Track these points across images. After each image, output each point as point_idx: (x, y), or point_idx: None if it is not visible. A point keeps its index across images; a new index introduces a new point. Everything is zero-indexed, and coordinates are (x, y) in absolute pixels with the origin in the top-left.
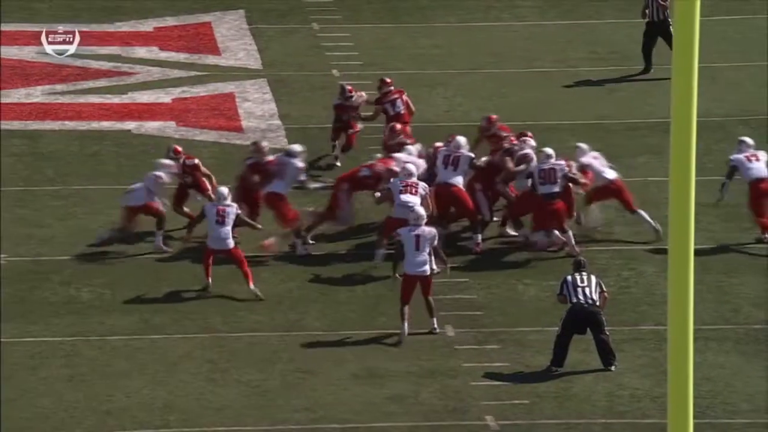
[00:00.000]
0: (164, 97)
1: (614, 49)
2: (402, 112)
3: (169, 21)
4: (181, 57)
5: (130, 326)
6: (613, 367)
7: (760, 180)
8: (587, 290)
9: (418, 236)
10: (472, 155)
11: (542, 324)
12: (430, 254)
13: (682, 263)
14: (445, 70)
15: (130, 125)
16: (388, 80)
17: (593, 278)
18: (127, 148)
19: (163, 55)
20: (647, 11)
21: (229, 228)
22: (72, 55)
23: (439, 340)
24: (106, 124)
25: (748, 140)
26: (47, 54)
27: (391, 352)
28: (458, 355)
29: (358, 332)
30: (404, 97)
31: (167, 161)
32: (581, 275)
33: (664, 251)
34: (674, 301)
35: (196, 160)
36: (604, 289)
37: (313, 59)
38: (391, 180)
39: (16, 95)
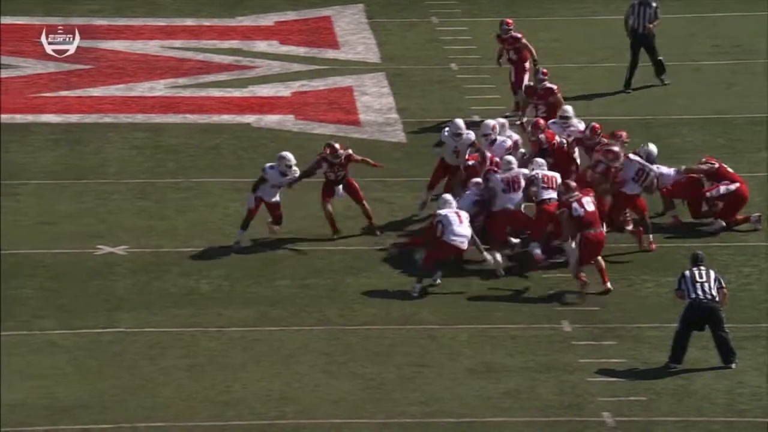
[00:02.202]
0: (284, 90)
1: (737, 43)
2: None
3: (290, 15)
4: (301, 51)
5: (248, 318)
6: (733, 365)
7: None
8: (706, 285)
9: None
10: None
11: (660, 320)
12: None
13: None
14: (565, 63)
15: (250, 119)
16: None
17: (712, 273)
18: (246, 142)
19: (283, 49)
20: (630, 20)
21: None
22: (194, 49)
23: (555, 335)
24: (226, 118)
25: None
26: (172, 48)
27: (507, 347)
28: (575, 351)
29: (474, 326)
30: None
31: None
32: (699, 270)
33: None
34: None
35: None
36: (723, 285)
37: (431, 53)
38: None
39: (140, 89)
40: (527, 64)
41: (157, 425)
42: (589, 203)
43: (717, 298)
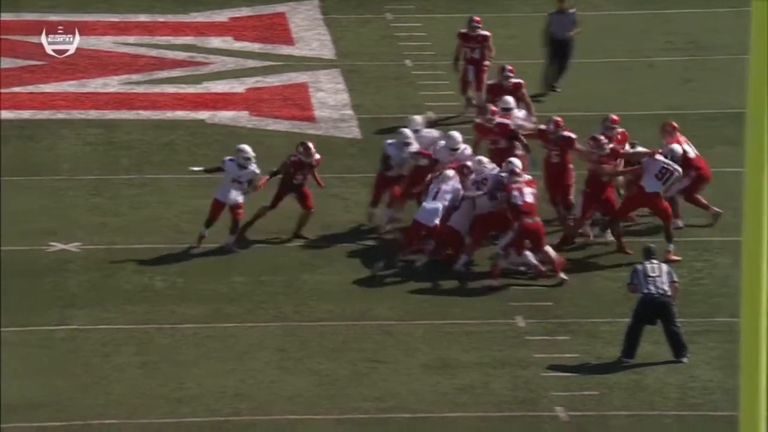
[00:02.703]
0: (238, 86)
1: (691, 39)
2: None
3: (244, 11)
4: (256, 47)
5: (202, 315)
6: (684, 359)
7: None
8: (658, 280)
9: None
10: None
11: (613, 315)
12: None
13: (755, 254)
14: (521, 60)
15: (204, 115)
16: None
17: (664, 267)
18: (201, 138)
19: (238, 45)
20: (551, 28)
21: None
22: (148, 45)
23: (510, 330)
24: (180, 114)
25: None
26: (125, 44)
27: (462, 343)
28: (529, 346)
29: (430, 322)
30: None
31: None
32: (652, 264)
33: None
34: (747, 292)
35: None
36: (675, 279)
37: (386, 49)
38: None
39: (93, 85)
40: (487, 63)
41: (110, 422)
42: (529, 194)
43: (669, 293)
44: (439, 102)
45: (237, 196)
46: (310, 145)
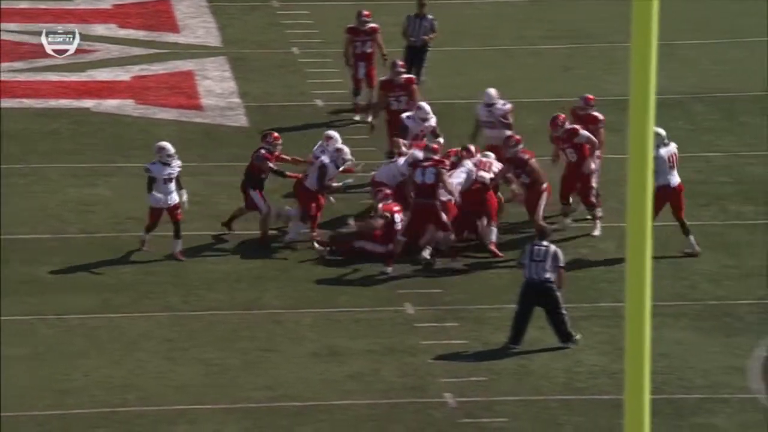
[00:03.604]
0: (123, 74)
1: (572, 27)
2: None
3: None
4: (140, 35)
5: (89, 305)
6: (570, 345)
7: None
8: (541, 266)
9: None
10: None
11: (501, 301)
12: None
13: (639, 240)
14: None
15: (89, 103)
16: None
17: (551, 250)
18: (86, 126)
19: (122, 33)
20: (407, 34)
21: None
22: (30, 33)
23: (398, 317)
24: (64, 102)
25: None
26: (7, 31)
27: (351, 330)
28: (418, 333)
29: (318, 310)
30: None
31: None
32: (540, 247)
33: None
34: (632, 277)
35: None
36: (562, 264)
37: (272, 37)
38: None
39: None
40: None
41: None
42: (430, 175)
43: (551, 279)
44: (327, 90)
45: (173, 197)
46: (276, 134)
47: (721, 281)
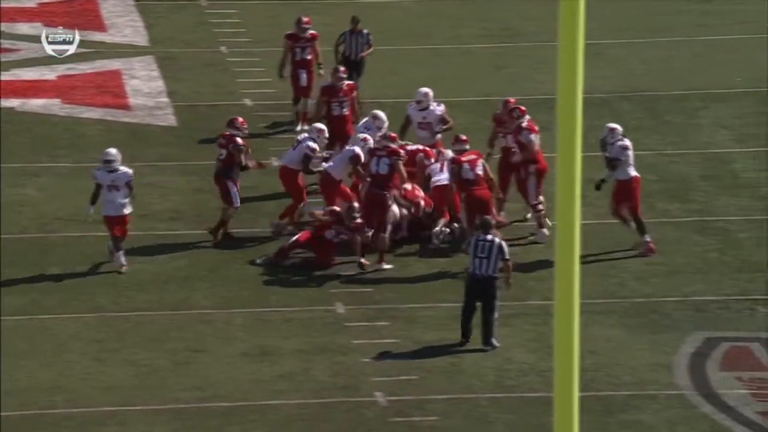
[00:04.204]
0: (49, 74)
1: (505, 26)
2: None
3: None
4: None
5: (18, 306)
6: (488, 348)
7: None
8: (484, 262)
9: None
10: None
11: (432, 300)
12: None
13: (568, 238)
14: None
15: (14, 103)
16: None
17: (496, 242)
18: (12, 126)
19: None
20: (341, 48)
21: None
22: None
23: (329, 317)
24: None
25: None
26: None
27: (282, 330)
28: (348, 332)
29: (249, 310)
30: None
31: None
32: (485, 242)
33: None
34: (561, 275)
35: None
36: (507, 256)
37: (201, 36)
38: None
39: None
40: (321, 64)
41: None
42: (384, 165)
43: (496, 275)
44: (255, 89)
45: (122, 206)
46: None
47: (648, 279)
